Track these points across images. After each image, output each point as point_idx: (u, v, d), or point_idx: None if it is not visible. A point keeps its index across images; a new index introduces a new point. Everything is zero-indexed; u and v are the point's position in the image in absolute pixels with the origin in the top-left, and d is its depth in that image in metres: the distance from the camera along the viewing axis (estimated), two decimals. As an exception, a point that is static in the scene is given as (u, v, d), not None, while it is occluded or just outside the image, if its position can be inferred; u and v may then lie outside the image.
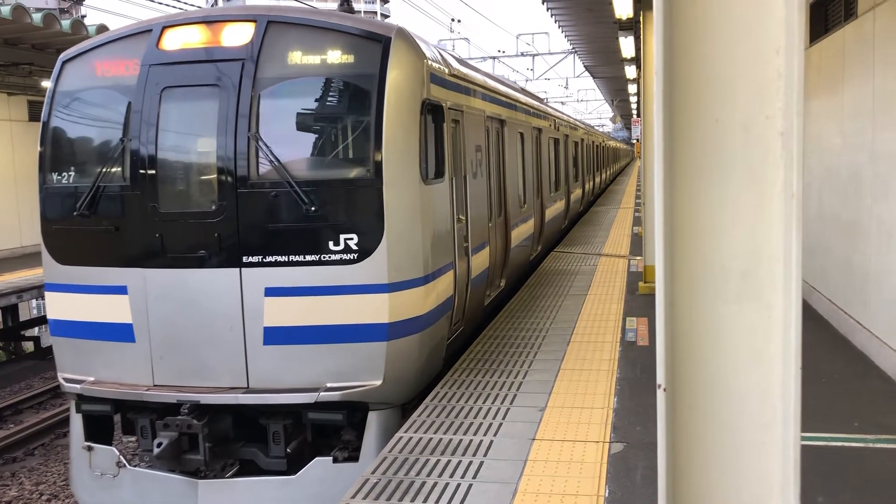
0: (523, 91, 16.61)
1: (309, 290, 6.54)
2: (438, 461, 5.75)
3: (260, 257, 6.57)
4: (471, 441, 6.09)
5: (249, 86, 6.60)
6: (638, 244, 16.66)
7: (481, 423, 6.47)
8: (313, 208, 6.47)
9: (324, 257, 6.51)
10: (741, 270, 1.81)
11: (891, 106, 7.19)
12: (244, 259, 6.59)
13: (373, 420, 6.68)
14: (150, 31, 6.96)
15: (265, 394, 6.59)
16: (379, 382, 6.58)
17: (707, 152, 1.84)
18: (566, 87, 50.48)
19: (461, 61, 9.81)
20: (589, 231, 20.77)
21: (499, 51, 42.44)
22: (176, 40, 6.86)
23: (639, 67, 19.08)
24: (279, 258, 6.54)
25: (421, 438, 6.20)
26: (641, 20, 12.91)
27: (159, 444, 6.48)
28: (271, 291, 6.57)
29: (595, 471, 5.47)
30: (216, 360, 6.70)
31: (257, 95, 6.61)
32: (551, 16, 19.33)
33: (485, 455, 5.81)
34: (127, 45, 7.05)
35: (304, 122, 7.05)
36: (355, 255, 6.49)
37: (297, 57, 6.66)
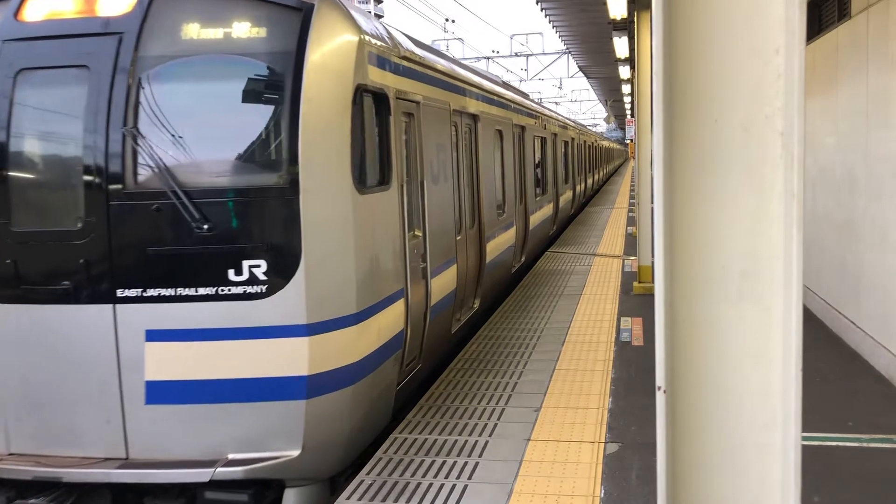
0: (505, 84, 15.42)
1: (203, 333, 5.18)
2: (433, 462, 5.74)
3: (139, 290, 5.20)
4: (466, 442, 6.08)
5: (128, 67, 5.27)
6: (632, 244, 16.69)
7: (476, 424, 6.46)
8: (207, 226, 5.11)
9: (222, 290, 5.14)
10: (741, 271, 1.81)
11: (884, 106, 7.21)
12: (118, 293, 5.21)
13: (290, 499, 5.42)
14: None
15: (148, 469, 5.18)
16: (296, 453, 5.19)
17: (706, 152, 1.83)
18: (560, 88, 50.67)
19: (420, 44, 8.15)
20: (583, 231, 20.79)
21: (493, 51, 42.59)
22: (39, 10, 5.49)
23: (633, 68, 19.14)
24: (164, 291, 5.18)
25: (416, 439, 6.18)
26: (636, 20, 12.92)
27: None
28: (154, 335, 5.21)
29: (590, 471, 5.47)
30: (87, 424, 5.31)
31: (137, 79, 5.28)
32: (545, 16, 19.37)
33: (480, 456, 5.80)
34: None
35: (197, 114, 5.54)
36: (264, 288, 5.12)
37: (192, 30, 5.31)
